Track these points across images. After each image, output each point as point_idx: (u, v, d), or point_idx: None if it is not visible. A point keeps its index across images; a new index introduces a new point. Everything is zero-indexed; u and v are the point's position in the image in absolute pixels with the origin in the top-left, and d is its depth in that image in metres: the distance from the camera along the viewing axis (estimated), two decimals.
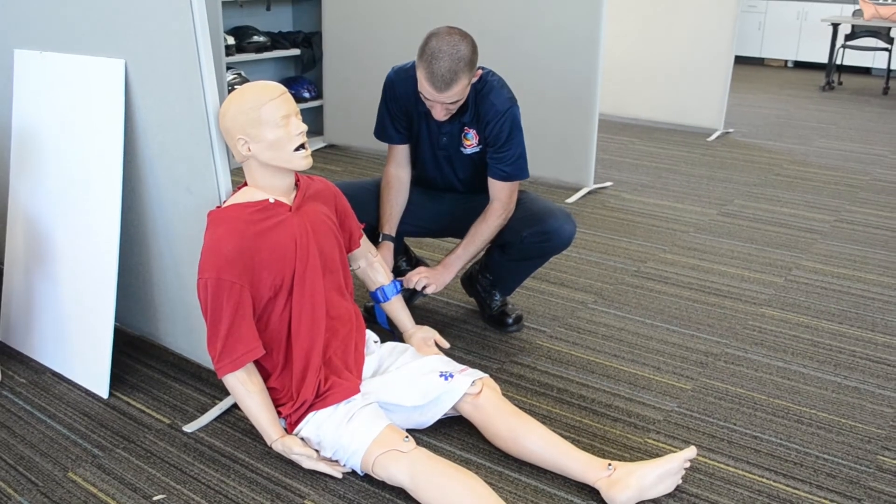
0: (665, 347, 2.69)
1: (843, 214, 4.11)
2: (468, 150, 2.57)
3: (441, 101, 2.33)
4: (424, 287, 2.52)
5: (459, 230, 2.65)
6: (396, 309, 2.47)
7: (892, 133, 6.11)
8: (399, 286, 2.47)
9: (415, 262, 3.03)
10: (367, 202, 2.65)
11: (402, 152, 2.65)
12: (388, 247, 2.59)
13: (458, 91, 2.31)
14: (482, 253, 2.74)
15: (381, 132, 2.65)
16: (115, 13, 2.16)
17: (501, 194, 2.55)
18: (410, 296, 2.90)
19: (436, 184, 2.72)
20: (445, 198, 2.73)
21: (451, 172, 2.66)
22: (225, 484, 1.99)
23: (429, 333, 2.45)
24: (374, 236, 2.63)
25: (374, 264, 2.43)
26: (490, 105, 2.46)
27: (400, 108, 2.57)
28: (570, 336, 2.77)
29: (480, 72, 2.43)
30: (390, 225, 2.62)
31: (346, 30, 5.01)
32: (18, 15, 2.48)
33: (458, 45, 2.25)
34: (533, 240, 2.54)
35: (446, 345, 2.45)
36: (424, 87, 2.31)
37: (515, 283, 2.77)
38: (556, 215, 2.54)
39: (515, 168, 2.53)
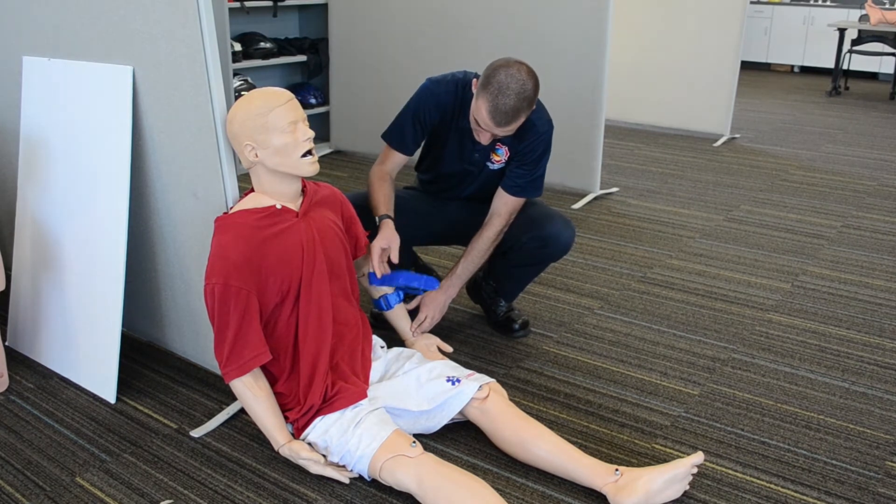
0: (672, 353, 2.69)
1: (849, 220, 4.10)
2: (495, 166, 2.57)
3: (496, 134, 2.33)
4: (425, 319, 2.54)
5: (465, 237, 2.66)
6: (398, 317, 2.47)
7: None
8: (402, 295, 2.47)
9: (423, 270, 3.04)
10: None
11: (401, 160, 2.60)
12: (390, 224, 2.48)
13: (514, 127, 2.30)
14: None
15: (396, 137, 2.56)
16: (122, 20, 2.18)
17: (504, 209, 2.53)
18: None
19: (446, 193, 2.73)
20: (451, 206, 2.73)
21: (470, 185, 2.66)
22: (232, 489, 1.99)
23: (431, 340, 2.46)
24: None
25: None
26: (531, 124, 2.45)
27: (432, 119, 2.52)
28: (576, 341, 2.77)
29: (533, 108, 2.38)
30: (388, 206, 2.52)
31: (353, 36, 5.02)
32: (26, 22, 2.49)
33: (525, 84, 2.22)
34: (532, 245, 2.54)
35: (449, 349, 2.46)
36: (483, 117, 2.27)
37: (518, 289, 2.77)
38: (555, 221, 2.54)
39: (530, 186, 2.52)
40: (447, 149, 2.59)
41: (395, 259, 2.40)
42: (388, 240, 2.40)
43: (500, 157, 2.53)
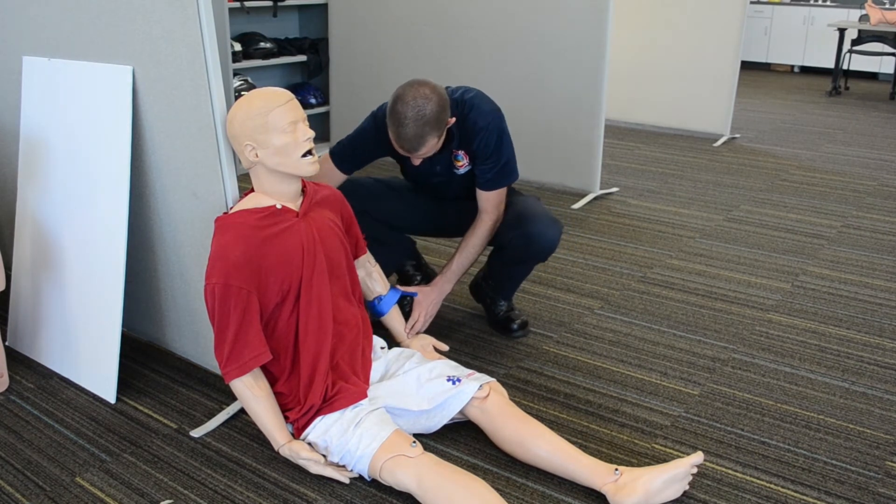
0: (672, 353, 2.69)
1: (849, 220, 4.10)
2: (461, 171, 2.59)
3: (417, 157, 2.39)
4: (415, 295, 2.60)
5: (460, 228, 2.73)
6: (392, 318, 2.47)
7: None
8: (398, 295, 2.47)
9: (424, 269, 3.05)
10: (379, 195, 2.70)
11: (341, 179, 2.67)
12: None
13: (429, 148, 2.35)
14: (485, 260, 2.78)
15: (344, 157, 2.61)
16: (122, 20, 2.18)
17: (488, 205, 2.57)
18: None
19: (433, 198, 2.78)
20: (445, 202, 2.75)
21: (448, 190, 2.70)
22: (232, 489, 1.99)
23: (426, 341, 2.46)
24: (373, 245, 2.65)
25: (372, 273, 2.44)
26: (473, 124, 2.48)
27: (370, 152, 2.59)
28: (576, 341, 2.77)
29: (453, 120, 2.42)
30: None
31: (353, 36, 5.02)
32: (26, 22, 2.49)
33: (422, 109, 2.27)
34: (517, 243, 2.55)
35: (445, 348, 2.46)
36: (395, 145, 2.36)
37: (511, 287, 2.77)
38: (540, 219, 2.53)
39: (500, 176, 2.54)
40: (411, 169, 2.66)
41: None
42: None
43: (462, 161, 2.57)
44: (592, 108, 4.22)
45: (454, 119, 2.44)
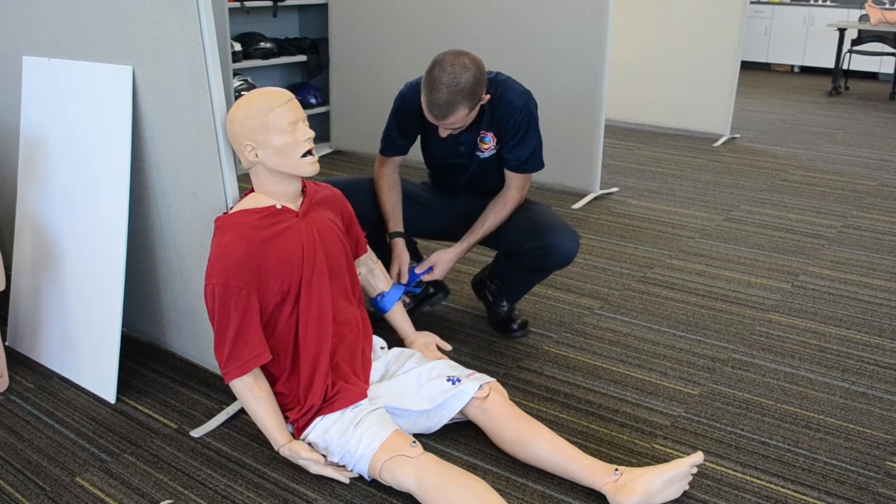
0: (672, 353, 2.69)
1: (849, 220, 4.10)
2: (485, 154, 2.58)
3: (444, 126, 2.38)
4: (430, 271, 2.60)
5: (460, 234, 2.68)
6: (396, 316, 2.47)
7: None
8: (400, 292, 2.48)
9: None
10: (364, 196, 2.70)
11: (398, 160, 2.69)
12: (402, 243, 2.62)
13: (458, 119, 2.34)
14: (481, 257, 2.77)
15: (388, 147, 2.65)
16: (122, 20, 2.18)
17: (515, 184, 2.59)
18: (418, 304, 2.91)
19: (446, 186, 2.75)
20: (459, 199, 2.74)
21: (462, 175, 2.67)
22: (232, 489, 1.99)
23: (430, 338, 2.46)
24: (372, 247, 2.65)
25: (374, 271, 2.44)
26: (507, 103, 2.48)
27: (412, 122, 2.59)
28: (576, 341, 2.77)
29: (487, 97, 2.42)
30: (396, 221, 2.65)
31: (353, 36, 5.02)
32: (26, 22, 2.49)
33: (459, 77, 2.26)
34: (534, 253, 2.53)
35: (448, 347, 2.46)
36: (425, 111, 2.36)
37: (519, 292, 2.77)
38: (558, 231, 2.51)
39: (531, 160, 2.56)
40: (433, 146, 2.64)
41: (405, 281, 2.57)
42: (400, 263, 2.58)
43: (489, 144, 2.56)
44: (592, 108, 4.22)
45: (489, 97, 2.43)
